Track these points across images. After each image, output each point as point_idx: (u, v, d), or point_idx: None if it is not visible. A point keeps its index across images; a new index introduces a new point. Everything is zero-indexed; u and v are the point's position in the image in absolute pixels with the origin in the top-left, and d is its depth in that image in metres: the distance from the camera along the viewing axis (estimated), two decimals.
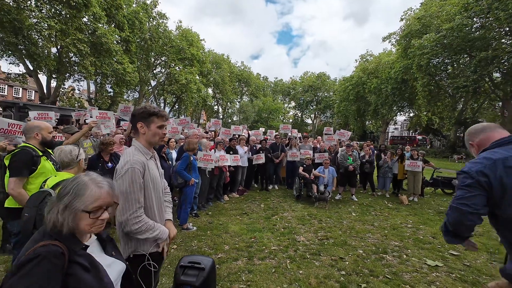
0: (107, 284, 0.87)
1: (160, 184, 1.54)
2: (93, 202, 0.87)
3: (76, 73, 20.62)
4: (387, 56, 29.59)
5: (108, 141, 3.51)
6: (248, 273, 2.70)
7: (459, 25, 16.88)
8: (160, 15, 27.69)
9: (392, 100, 26.68)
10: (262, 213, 4.90)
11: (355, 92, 31.76)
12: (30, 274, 0.72)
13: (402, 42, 23.57)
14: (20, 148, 1.86)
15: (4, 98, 31.81)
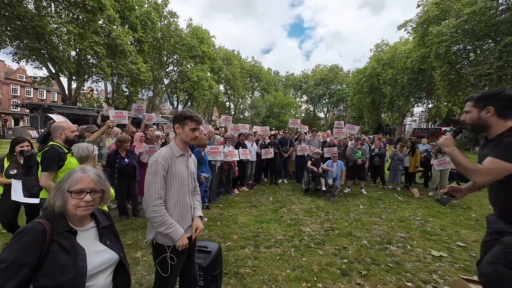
0: (80, 268, 0.97)
1: (185, 183, 1.60)
2: (76, 184, 1.03)
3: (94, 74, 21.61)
4: (403, 45, 28.33)
5: (124, 138, 3.79)
6: (254, 259, 2.88)
7: (482, 8, 15.84)
8: (171, 14, 28.15)
9: (408, 91, 25.64)
10: (270, 205, 5.06)
11: (369, 84, 30.80)
12: (14, 243, 0.91)
13: (419, 30, 22.45)
14: (49, 146, 2.13)
15: (31, 100, 34.03)
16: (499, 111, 1.39)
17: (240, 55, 38.52)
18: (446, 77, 19.48)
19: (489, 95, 1.44)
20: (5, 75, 33.13)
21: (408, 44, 27.21)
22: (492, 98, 1.42)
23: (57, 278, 0.91)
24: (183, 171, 1.60)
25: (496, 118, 1.40)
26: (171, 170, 1.54)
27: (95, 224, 1.13)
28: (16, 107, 33.09)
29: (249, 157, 6.06)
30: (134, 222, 3.96)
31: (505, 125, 1.38)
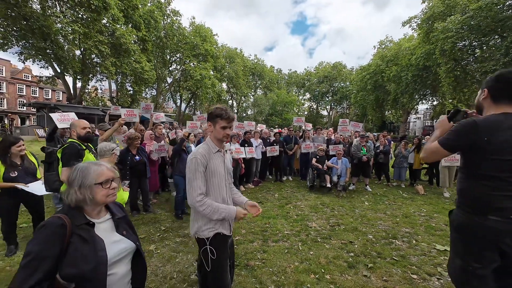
0: (101, 257, 1.04)
1: (222, 178, 1.66)
2: (100, 176, 1.12)
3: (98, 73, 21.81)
4: (408, 41, 28.07)
5: (134, 136, 3.90)
6: (263, 252, 2.97)
7: (488, 3, 15.63)
8: (174, 13, 28.21)
9: (413, 88, 25.44)
10: (276, 202, 5.15)
11: (373, 81, 30.58)
12: (36, 237, 0.98)
13: (423, 26, 22.21)
14: (69, 143, 2.24)
15: (36, 99, 34.48)
16: (493, 94, 1.35)
17: (243, 53, 38.53)
18: (451, 73, 19.30)
19: (491, 76, 1.42)
20: (11, 75, 33.58)
21: (412, 41, 26.96)
22: (490, 80, 1.39)
23: (80, 267, 0.99)
24: (220, 167, 1.65)
25: (489, 101, 1.37)
26: (209, 166, 1.60)
27: (111, 216, 1.20)
28: (22, 106, 33.56)
29: (254, 155, 6.14)
30: (145, 217, 4.08)
31: (496, 110, 1.33)
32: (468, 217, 1.37)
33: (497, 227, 1.27)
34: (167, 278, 2.45)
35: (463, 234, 1.41)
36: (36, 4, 16.45)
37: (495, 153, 1.28)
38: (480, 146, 1.29)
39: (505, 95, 1.33)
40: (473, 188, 1.36)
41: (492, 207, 1.28)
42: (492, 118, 1.31)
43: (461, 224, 1.41)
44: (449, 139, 1.38)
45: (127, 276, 1.17)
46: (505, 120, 1.28)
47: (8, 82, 32.99)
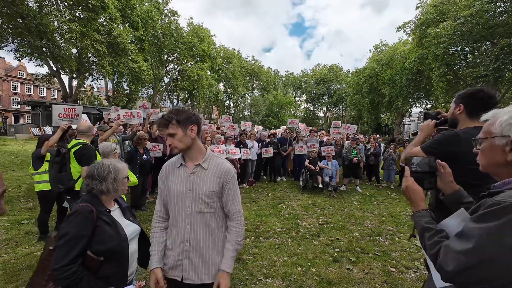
0: (123, 236, 1.31)
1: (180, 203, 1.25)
2: (125, 172, 1.41)
3: (95, 72, 21.77)
4: (403, 45, 28.63)
5: (143, 137, 4.09)
6: (255, 248, 3.16)
7: (478, 11, 16.13)
8: (171, 13, 28.28)
9: (407, 91, 25.96)
10: (270, 201, 5.34)
11: (368, 84, 31.08)
12: (71, 221, 1.20)
13: (417, 32, 22.73)
14: (82, 144, 2.41)
15: (31, 97, 34.14)
16: (468, 110, 1.49)
17: (240, 54, 38.72)
18: (444, 78, 19.81)
19: (464, 93, 1.56)
20: (5, 72, 33.19)
21: (407, 45, 27.51)
22: (464, 97, 1.54)
23: (107, 244, 1.24)
24: (178, 187, 1.25)
25: (464, 116, 1.53)
26: (166, 183, 1.30)
27: (118, 205, 1.46)
28: (17, 104, 33.19)
29: (249, 156, 6.33)
30: (143, 214, 4.24)
31: (471, 123, 1.46)
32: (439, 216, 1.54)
33: None
34: None
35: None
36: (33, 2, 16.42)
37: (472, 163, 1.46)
38: (461, 156, 1.44)
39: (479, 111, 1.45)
40: None
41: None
42: (470, 132, 1.46)
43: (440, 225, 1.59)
44: (431, 147, 1.52)
45: (136, 254, 1.43)
46: None
47: (2, 80, 32.60)
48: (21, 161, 8.65)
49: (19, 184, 5.76)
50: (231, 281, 2.46)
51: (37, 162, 3.09)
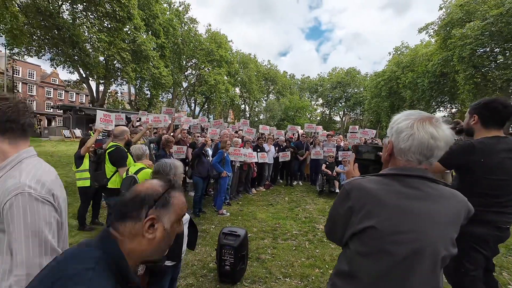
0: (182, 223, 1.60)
1: None
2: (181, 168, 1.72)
3: (119, 78, 23.15)
4: (425, 47, 27.56)
5: (171, 140, 4.39)
6: (273, 248, 3.27)
7: (509, 9, 15.24)
8: (191, 20, 29.42)
9: (429, 95, 24.90)
10: (286, 204, 5.43)
11: (387, 87, 30.17)
12: None
13: (441, 33, 21.82)
14: (115, 146, 2.68)
15: (62, 102, 36.82)
16: (483, 120, 1.55)
17: (256, 58, 39.27)
18: (471, 80, 18.80)
19: (478, 104, 1.61)
20: (41, 79, 36.15)
21: (429, 47, 26.46)
22: (478, 107, 1.58)
23: None
24: None
25: (480, 126, 1.57)
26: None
27: None
28: (50, 108, 35.89)
29: (266, 160, 6.46)
30: None
31: (487, 133, 1.54)
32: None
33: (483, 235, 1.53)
34: (189, 264, 2.82)
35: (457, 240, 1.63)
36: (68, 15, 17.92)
37: (488, 174, 1.49)
38: (476, 166, 1.49)
39: (494, 122, 1.54)
40: None
41: (482, 220, 1.50)
42: (486, 141, 1.51)
43: None
44: (447, 158, 1.51)
45: (186, 238, 1.72)
46: (498, 143, 1.50)
47: (38, 86, 35.52)
48: (56, 161, 9.40)
49: None
50: (251, 278, 2.60)
51: (78, 161, 3.44)
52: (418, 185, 0.81)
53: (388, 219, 0.78)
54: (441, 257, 0.77)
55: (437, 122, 0.80)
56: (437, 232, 0.78)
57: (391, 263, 0.77)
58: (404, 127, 0.82)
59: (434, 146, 0.78)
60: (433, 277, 0.78)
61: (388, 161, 0.91)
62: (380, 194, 0.81)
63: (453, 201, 0.82)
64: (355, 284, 0.83)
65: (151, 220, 0.65)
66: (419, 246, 0.76)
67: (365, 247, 0.81)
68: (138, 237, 0.65)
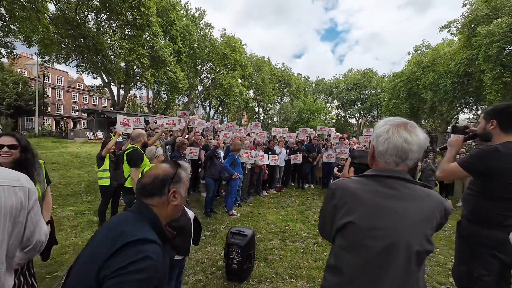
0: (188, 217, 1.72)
1: None
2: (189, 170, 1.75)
3: (138, 82, 24.25)
4: (447, 46, 26.30)
5: (184, 142, 4.60)
6: (281, 250, 3.31)
7: None
8: (206, 25, 30.21)
9: (452, 96, 23.62)
10: (297, 207, 5.43)
11: (407, 88, 29.02)
12: None
13: (464, 31, 20.74)
14: (132, 148, 2.87)
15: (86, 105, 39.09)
16: (501, 125, 1.53)
17: (270, 61, 39.41)
18: (499, 80, 17.66)
19: (495, 109, 1.59)
20: (68, 84, 38.64)
21: (452, 46, 25.21)
22: (496, 112, 1.56)
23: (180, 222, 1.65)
24: None
25: (498, 131, 1.54)
26: None
27: None
28: (75, 111, 38.22)
29: (277, 162, 6.50)
30: None
31: (506, 138, 1.51)
32: (477, 229, 1.57)
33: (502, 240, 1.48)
34: (199, 262, 2.93)
35: (472, 244, 1.60)
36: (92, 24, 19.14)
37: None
38: (500, 171, 1.46)
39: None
40: (485, 207, 1.54)
41: (500, 224, 1.49)
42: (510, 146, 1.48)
43: (471, 235, 1.60)
44: (470, 162, 1.54)
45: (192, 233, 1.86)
46: None
47: (65, 91, 38.00)
48: (80, 161, 10.03)
49: (79, 181, 6.75)
50: (258, 277, 2.66)
51: (100, 161, 3.70)
52: (395, 185, 0.87)
53: (365, 216, 0.85)
54: (415, 252, 0.81)
55: (411, 128, 0.87)
56: (410, 228, 0.83)
57: (367, 257, 0.83)
58: (381, 132, 0.90)
59: (408, 149, 0.85)
60: (408, 270, 0.82)
61: (372, 164, 0.97)
62: (359, 193, 0.88)
63: (427, 200, 0.87)
64: (339, 277, 0.90)
65: (174, 192, 0.92)
66: (393, 241, 0.81)
67: (346, 241, 0.89)
68: (165, 205, 0.92)
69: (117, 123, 4.21)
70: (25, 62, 33.02)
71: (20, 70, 30.97)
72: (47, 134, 23.89)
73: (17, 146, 1.52)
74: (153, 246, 0.78)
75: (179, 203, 0.94)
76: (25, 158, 1.57)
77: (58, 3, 16.39)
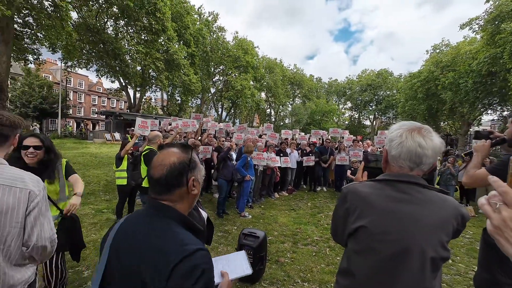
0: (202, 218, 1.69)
1: None
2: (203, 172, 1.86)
3: (153, 85, 25.01)
4: (468, 45, 25.08)
5: (197, 143, 4.70)
6: (293, 252, 3.30)
7: None
8: (219, 29, 30.69)
9: (474, 96, 22.47)
10: (309, 210, 5.38)
11: (424, 89, 27.94)
12: None
13: (488, 28, 19.74)
14: (149, 149, 2.99)
15: (105, 108, 40.78)
16: None
17: (282, 63, 39.35)
18: None
19: None
20: (88, 88, 40.52)
21: (474, 44, 24.02)
22: None
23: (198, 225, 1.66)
24: None
25: None
26: None
27: None
28: (94, 113, 39.96)
29: (289, 164, 6.48)
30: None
31: None
32: None
33: None
34: None
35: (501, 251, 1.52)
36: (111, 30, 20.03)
37: None
38: None
39: None
40: None
41: None
42: None
43: None
44: (500, 169, 1.46)
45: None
46: None
47: (85, 94, 39.87)
48: (99, 161, 10.48)
49: (98, 180, 7.06)
50: (270, 279, 2.66)
51: (118, 162, 3.87)
52: (408, 190, 0.87)
53: (377, 220, 0.85)
54: (429, 258, 0.80)
55: (426, 132, 0.86)
56: (423, 233, 0.82)
57: (379, 261, 0.83)
58: (394, 136, 0.90)
59: (422, 154, 0.84)
60: (422, 277, 0.81)
61: (385, 168, 0.96)
62: (371, 197, 0.89)
63: (442, 206, 0.86)
64: (351, 280, 0.90)
65: (192, 180, 0.81)
66: (406, 246, 0.81)
67: (358, 245, 0.89)
68: (185, 196, 0.82)
69: (135, 126, 4.40)
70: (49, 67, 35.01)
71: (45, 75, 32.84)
72: (69, 135, 25.14)
73: (42, 146, 1.63)
74: (201, 254, 0.69)
75: (198, 191, 0.85)
76: (48, 158, 1.68)
77: (80, 11, 17.28)
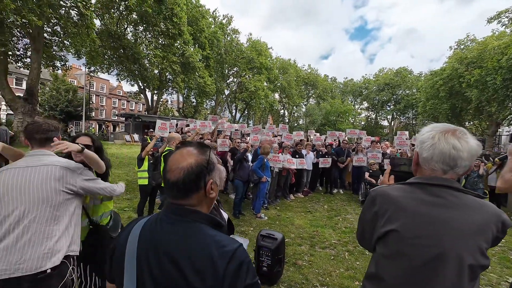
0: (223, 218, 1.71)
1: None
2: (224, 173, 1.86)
3: (170, 88, 25.75)
4: (497, 39, 23.52)
5: (212, 146, 4.80)
6: (310, 256, 3.25)
7: None
8: (233, 31, 31.03)
9: (503, 94, 20.97)
10: (325, 213, 5.28)
11: (447, 87, 26.54)
12: None
13: None
14: (169, 150, 3.09)
15: (124, 110, 42.57)
16: None
17: (296, 63, 39.04)
18: None
19: None
20: (109, 91, 42.52)
21: (503, 38, 22.50)
22: None
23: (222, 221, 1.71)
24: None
25: None
26: None
27: None
28: (115, 116, 41.80)
29: (305, 166, 6.40)
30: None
31: None
32: None
33: None
34: None
35: None
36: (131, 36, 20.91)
37: None
38: None
39: None
40: None
41: None
42: None
43: None
44: None
45: None
46: None
47: (107, 97, 41.86)
48: (119, 162, 10.93)
49: (120, 180, 7.36)
50: (288, 282, 2.64)
51: (139, 162, 4.01)
52: (441, 193, 0.84)
53: (408, 224, 0.83)
54: (467, 265, 0.76)
55: (461, 134, 0.83)
56: (459, 239, 0.78)
57: (411, 266, 0.80)
58: (426, 138, 0.87)
59: (456, 156, 0.81)
60: (459, 285, 0.77)
61: (416, 171, 0.93)
62: (402, 200, 0.86)
63: (480, 211, 0.81)
64: (380, 285, 0.87)
65: (211, 183, 0.76)
66: (440, 252, 0.78)
67: (388, 250, 0.87)
68: (203, 199, 0.78)
69: (156, 128, 4.57)
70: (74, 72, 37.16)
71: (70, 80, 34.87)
72: None
73: (91, 146, 1.74)
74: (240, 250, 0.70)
75: (216, 194, 0.80)
76: None
77: (103, 19, 18.20)
